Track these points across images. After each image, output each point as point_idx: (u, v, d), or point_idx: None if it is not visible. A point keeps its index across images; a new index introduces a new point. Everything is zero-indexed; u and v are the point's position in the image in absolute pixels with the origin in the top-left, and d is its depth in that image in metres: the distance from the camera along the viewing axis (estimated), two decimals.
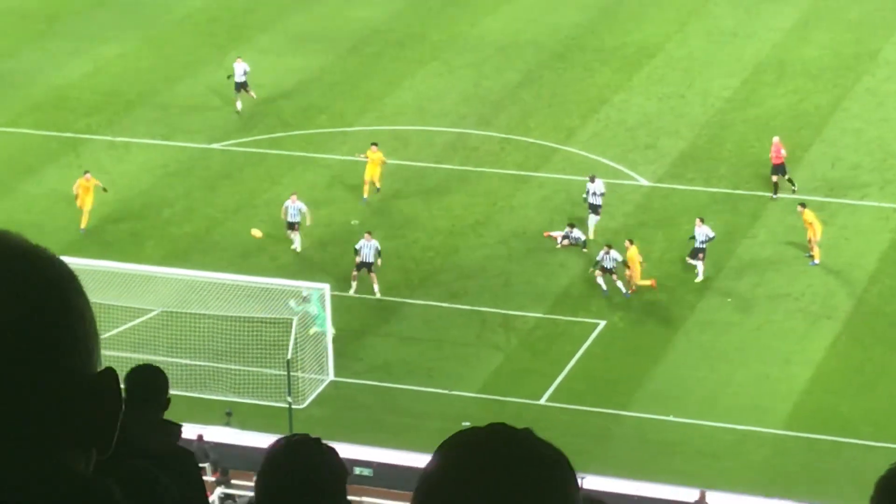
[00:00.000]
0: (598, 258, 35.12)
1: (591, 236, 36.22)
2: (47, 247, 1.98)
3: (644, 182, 39.79)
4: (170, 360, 31.70)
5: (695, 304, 35.42)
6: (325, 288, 32.75)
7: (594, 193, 36.52)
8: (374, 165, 37.80)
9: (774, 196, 38.35)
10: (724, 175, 39.71)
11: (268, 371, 31.88)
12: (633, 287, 34.64)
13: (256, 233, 35.89)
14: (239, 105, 41.91)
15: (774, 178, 38.33)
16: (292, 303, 33.41)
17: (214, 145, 40.98)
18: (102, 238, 37.41)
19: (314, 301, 33.77)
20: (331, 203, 38.69)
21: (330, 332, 33.13)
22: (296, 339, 31.52)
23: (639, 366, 33.16)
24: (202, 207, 38.53)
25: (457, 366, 33.02)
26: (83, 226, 37.03)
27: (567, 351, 33.22)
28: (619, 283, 34.68)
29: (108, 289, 32.12)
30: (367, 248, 34.62)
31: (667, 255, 36.46)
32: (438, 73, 45.48)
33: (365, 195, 37.99)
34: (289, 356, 30.82)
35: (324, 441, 4.12)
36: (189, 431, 29.29)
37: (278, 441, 4.04)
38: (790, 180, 38.28)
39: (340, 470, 4.23)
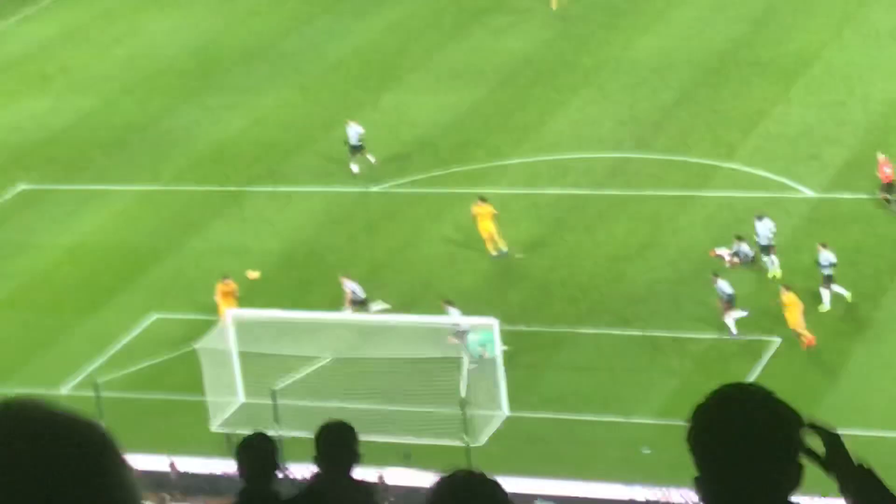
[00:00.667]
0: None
1: (780, 274, 35.54)
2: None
3: (810, 193, 38.99)
4: (344, 405, 31.71)
5: (872, 314, 34.66)
6: (494, 323, 32.71)
7: (766, 235, 35.52)
8: (484, 220, 37.27)
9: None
10: None
11: (442, 410, 31.78)
12: (796, 334, 33.71)
13: (253, 274, 36.04)
14: (355, 168, 41.45)
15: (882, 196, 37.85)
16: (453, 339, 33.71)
17: (373, 188, 41.35)
18: (270, 288, 37.84)
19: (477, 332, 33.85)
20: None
21: (500, 365, 32.90)
22: (468, 376, 31.51)
23: (817, 380, 32.36)
24: (365, 251, 38.82)
25: (632, 392, 32.62)
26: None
27: (743, 370, 32.52)
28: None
29: (280, 338, 32.74)
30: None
31: (840, 264, 35.65)
32: (593, 99, 45.24)
33: (492, 251, 37.38)
34: (462, 394, 30.77)
35: (488, 475, 4.00)
36: (370, 474, 29.64)
37: (441, 479, 3.96)
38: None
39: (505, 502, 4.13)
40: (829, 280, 34.43)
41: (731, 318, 33.85)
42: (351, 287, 34.83)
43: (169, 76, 50.24)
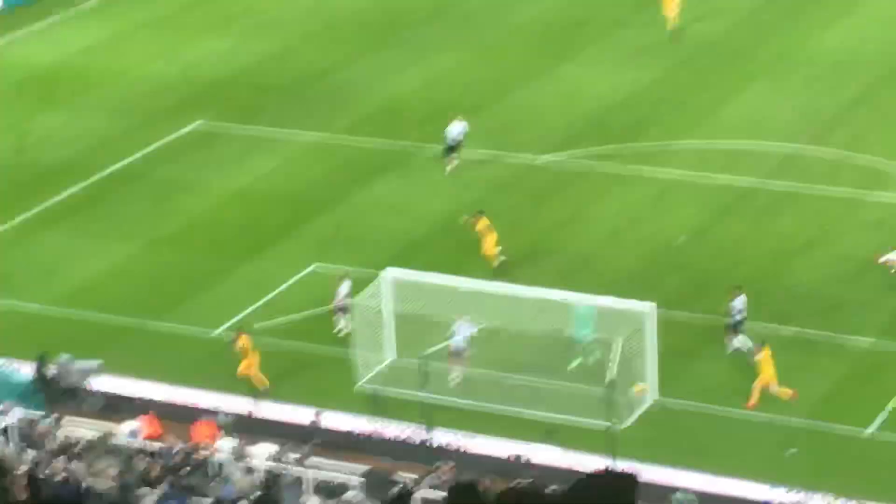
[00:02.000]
0: None
1: None
2: None
3: None
4: (490, 375, 32.49)
5: None
6: (651, 307, 32.36)
7: None
8: (483, 236, 36.83)
9: None
10: None
11: (589, 389, 31.60)
12: None
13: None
14: (448, 167, 41.27)
15: None
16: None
17: (543, 157, 41.48)
18: (429, 250, 38.18)
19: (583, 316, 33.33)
20: (657, 218, 38.62)
21: (652, 350, 32.31)
22: (619, 358, 31.39)
23: None
24: (528, 221, 38.86)
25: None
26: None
27: None
28: None
29: (434, 302, 32.74)
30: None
31: None
32: (771, 89, 44.85)
33: (494, 264, 36.77)
34: (611, 375, 30.73)
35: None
36: (512, 449, 30.33)
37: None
38: None
39: None
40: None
41: None
42: (344, 291, 34.76)
43: (351, 26, 51.31)
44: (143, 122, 45.88)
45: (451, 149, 40.79)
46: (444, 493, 25.83)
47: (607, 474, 23.94)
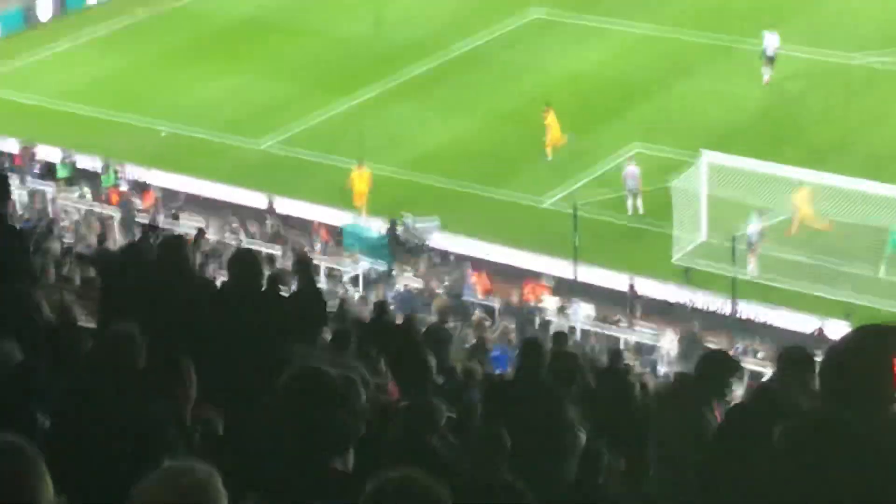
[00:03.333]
0: None
1: None
2: None
3: None
4: (796, 258, 33.95)
5: None
6: None
7: None
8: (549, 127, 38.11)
9: None
10: None
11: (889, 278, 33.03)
12: None
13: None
14: (766, 77, 41.59)
15: None
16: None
17: (858, 56, 42.20)
18: (744, 138, 39.11)
19: None
20: None
21: None
22: None
23: None
24: (839, 116, 39.60)
25: None
26: None
27: None
28: None
29: (747, 186, 34.43)
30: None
31: None
32: None
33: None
34: None
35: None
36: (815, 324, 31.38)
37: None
38: None
39: None
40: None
41: None
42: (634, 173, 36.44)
43: None
44: (488, 8, 47.92)
45: (770, 59, 41.18)
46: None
47: None
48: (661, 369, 28.83)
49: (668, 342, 30.52)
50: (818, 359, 7.36)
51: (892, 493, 4.60)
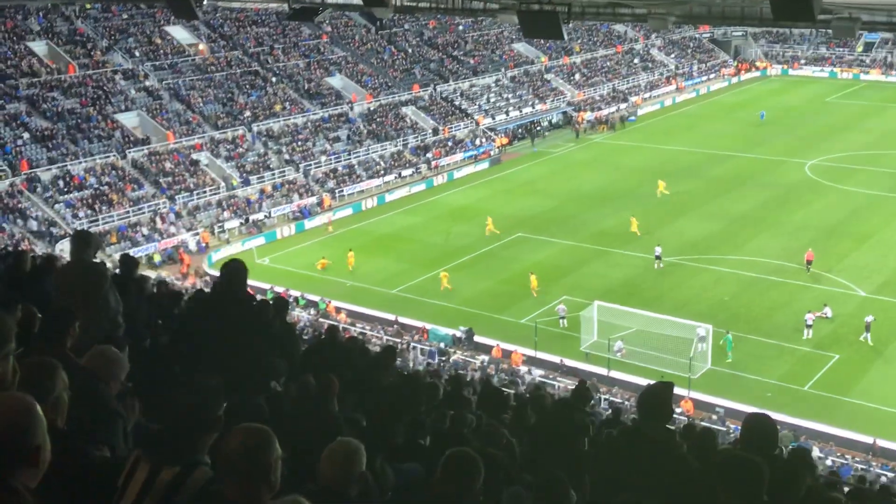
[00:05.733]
0: None
1: None
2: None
3: None
4: (644, 352, 59.23)
5: None
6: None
7: None
8: None
9: None
10: None
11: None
12: None
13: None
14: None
15: None
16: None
17: None
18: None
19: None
20: None
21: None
22: None
23: None
24: None
25: None
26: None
27: None
28: None
29: (615, 318, 63.34)
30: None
31: None
32: None
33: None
34: None
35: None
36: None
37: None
38: None
39: None
40: None
41: None
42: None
43: None
44: None
45: None
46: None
47: None
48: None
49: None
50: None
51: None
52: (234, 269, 12.08)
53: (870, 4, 25.28)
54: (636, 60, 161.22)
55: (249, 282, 11.82)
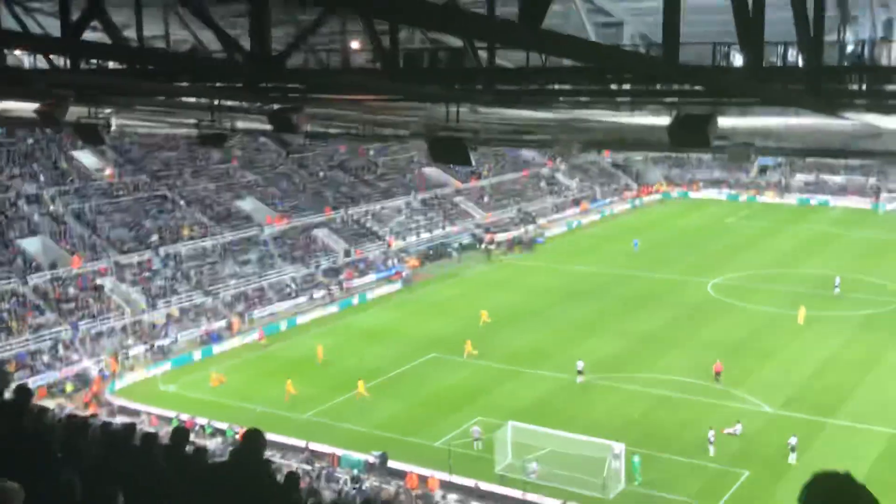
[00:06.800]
0: None
1: None
2: None
3: None
4: (562, 473, 61.07)
5: None
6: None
7: None
8: None
9: None
10: None
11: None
12: None
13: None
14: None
15: None
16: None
17: None
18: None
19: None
20: None
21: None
22: None
23: None
24: None
25: None
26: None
27: None
28: None
29: (530, 439, 64.67)
30: None
31: None
32: None
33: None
34: None
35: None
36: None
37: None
38: None
39: None
40: None
41: None
42: None
43: None
44: None
45: None
46: None
47: None
48: None
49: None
50: None
51: None
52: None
53: (761, 129, 26.30)
54: (542, 184, 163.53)
55: (153, 410, 11.56)
